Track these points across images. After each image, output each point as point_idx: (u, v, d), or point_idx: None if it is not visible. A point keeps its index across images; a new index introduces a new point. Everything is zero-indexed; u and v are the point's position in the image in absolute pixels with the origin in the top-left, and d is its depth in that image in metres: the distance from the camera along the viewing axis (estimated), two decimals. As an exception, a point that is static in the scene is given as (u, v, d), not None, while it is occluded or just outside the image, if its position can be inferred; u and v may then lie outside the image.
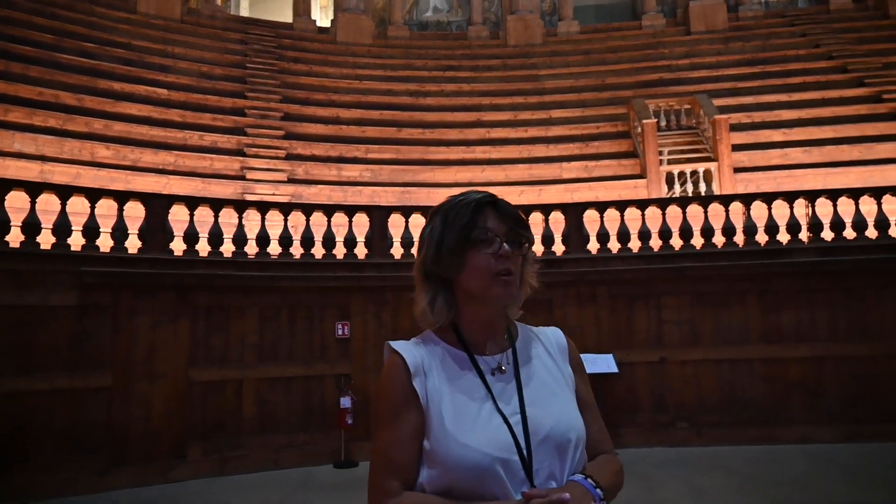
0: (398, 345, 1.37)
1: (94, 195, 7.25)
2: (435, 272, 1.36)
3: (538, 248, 8.36)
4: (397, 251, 8.49)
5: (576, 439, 1.31)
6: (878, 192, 8.66)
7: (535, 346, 1.43)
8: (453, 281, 1.36)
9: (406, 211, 8.72)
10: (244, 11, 22.79)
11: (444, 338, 1.38)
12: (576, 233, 8.63)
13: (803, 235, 8.69)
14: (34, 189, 6.93)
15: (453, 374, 1.33)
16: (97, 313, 6.81)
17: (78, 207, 7.28)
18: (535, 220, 8.48)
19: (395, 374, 1.33)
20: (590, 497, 1.24)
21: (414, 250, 8.52)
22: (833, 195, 8.75)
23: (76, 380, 6.58)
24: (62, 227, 6.86)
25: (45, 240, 6.84)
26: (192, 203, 7.77)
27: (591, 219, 8.80)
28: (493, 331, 1.39)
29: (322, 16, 22.79)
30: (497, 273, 1.31)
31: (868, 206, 8.63)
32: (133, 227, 7.38)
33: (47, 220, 6.91)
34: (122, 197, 7.41)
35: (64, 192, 7.09)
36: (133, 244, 7.35)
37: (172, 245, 7.50)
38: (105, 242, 7.20)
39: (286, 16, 21.72)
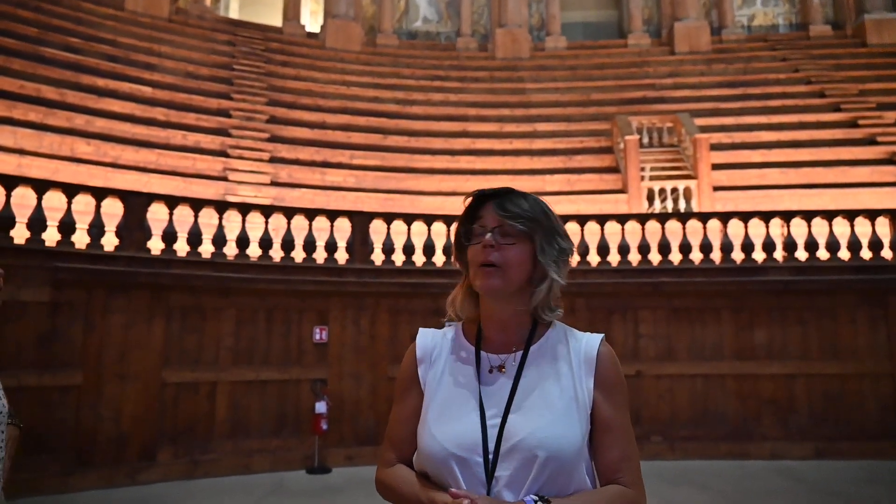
0: (421, 331, 1.47)
1: (71, 190, 7.15)
2: (460, 267, 1.43)
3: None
4: (378, 257, 8.48)
5: (545, 457, 1.23)
6: (851, 215, 8.86)
7: (555, 352, 1.35)
8: None
9: (388, 217, 8.73)
10: (233, 13, 22.71)
11: (466, 330, 1.43)
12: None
13: (778, 254, 8.85)
14: (10, 182, 6.82)
15: (456, 367, 1.38)
16: (70, 311, 6.70)
17: (55, 203, 7.17)
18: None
19: (407, 358, 1.45)
20: None
21: (398, 257, 8.54)
22: (808, 216, 8.93)
23: (45, 378, 6.46)
24: (37, 222, 6.75)
25: (19, 234, 6.73)
26: (171, 202, 7.70)
27: (571, 231, 8.79)
28: (507, 328, 1.36)
29: (312, 21, 22.80)
30: (480, 264, 1.30)
31: (841, 228, 8.83)
32: (110, 225, 7.29)
33: (22, 215, 6.80)
34: (99, 193, 7.31)
35: (40, 186, 6.98)
36: (110, 242, 7.26)
37: (150, 244, 7.41)
38: (81, 239, 7.10)
39: (276, 20, 21.70)
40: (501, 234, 1.31)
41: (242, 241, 7.88)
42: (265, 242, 7.99)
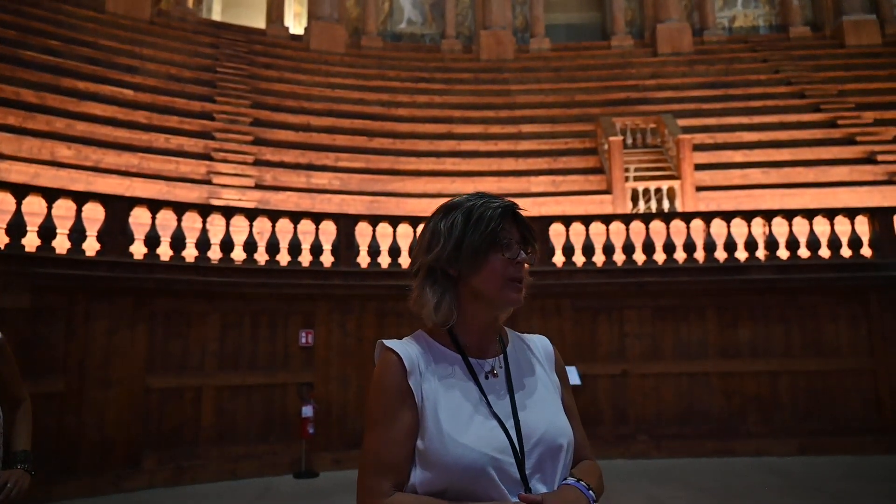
0: (393, 343, 1.35)
1: (51, 195, 7.05)
2: (444, 269, 1.34)
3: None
4: (364, 260, 8.46)
5: (567, 444, 1.33)
6: (830, 214, 8.99)
7: (525, 353, 1.45)
8: (460, 280, 1.35)
9: (374, 220, 8.72)
10: (216, 16, 22.51)
11: (437, 338, 1.38)
12: (542, 246, 8.74)
13: (760, 253, 8.95)
14: (-12, 187, 6.72)
15: (447, 376, 1.33)
16: (51, 317, 6.61)
17: (35, 208, 7.07)
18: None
19: (390, 371, 1.31)
20: (584, 500, 1.28)
21: (384, 259, 8.52)
22: (789, 215, 9.05)
23: (26, 385, 6.33)
24: (16, 227, 6.65)
25: (-2, 240, 6.63)
26: (154, 206, 7.62)
27: (556, 232, 8.92)
28: (487, 335, 1.39)
29: (295, 23, 22.67)
30: (511, 278, 1.34)
31: (821, 227, 8.95)
32: (92, 230, 7.21)
33: (1, 220, 6.70)
34: (80, 198, 7.22)
35: (20, 190, 6.88)
36: (91, 247, 7.17)
37: (132, 249, 7.33)
38: (62, 244, 7.00)
39: (259, 22, 21.56)
40: (529, 255, 1.39)
41: (226, 245, 7.82)
42: (250, 246, 7.93)
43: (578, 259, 8.88)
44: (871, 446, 7.96)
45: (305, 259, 8.30)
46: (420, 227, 8.69)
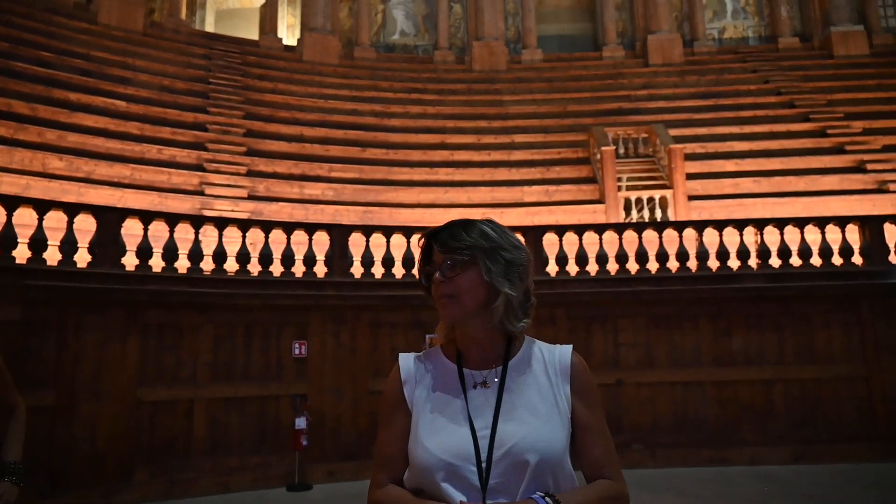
0: (402, 356, 1.55)
1: (42, 206, 7.00)
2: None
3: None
4: (357, 270, 8.44)
5: (536, 461, 1.32)
6: (821, 222, 9.05)
7: (532, 365, 1.47)
8: None
9: (367, 230, 8.70)
10: (209, 27, 22.55)
11: (445, 351, 1.53)
12: (536, 256, 8.74)
13: (752, 262, 8.99)
14: (-21, 199, 6.67)
15: (439, 385, 1.46)
16: (42, 329, 6.54)
17: (26, 219, 7.02)
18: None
19: (391, 381, 1.52)
20: None
21: (377, 270, 8.50)
22: (780, 224, 9.11)
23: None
24: (7, 239, 6.60)
25: (-11, 252, 6.57)
26: (146, 217, 7.59)
27: (550, 242, 8.93)
28: (483, 346, 1.47)
29: (289, 34, 22.73)
30: (437, 298, 1.44)
31: (813, 235, 9.00)
32: (83, 241, 7.16)
33: (-8, 232, 6.65)
34: (72, 209, 7.18)
35: (10, 202, 6.84)
36: (83, 258, 7.12)
37: (124, 260, 7.28)
38: (53, 256, 6.95)
39: (252, 33, 21.63)
40: (448, 268, 1.42)
41: (219, 256, 7.78)
42: (243, 257, 7.90)
43: (572, 268, 8.89)
44: (865, 453, 7.97)
45: (299, 270, 8.27)
46: (414, 238, 8.70)
